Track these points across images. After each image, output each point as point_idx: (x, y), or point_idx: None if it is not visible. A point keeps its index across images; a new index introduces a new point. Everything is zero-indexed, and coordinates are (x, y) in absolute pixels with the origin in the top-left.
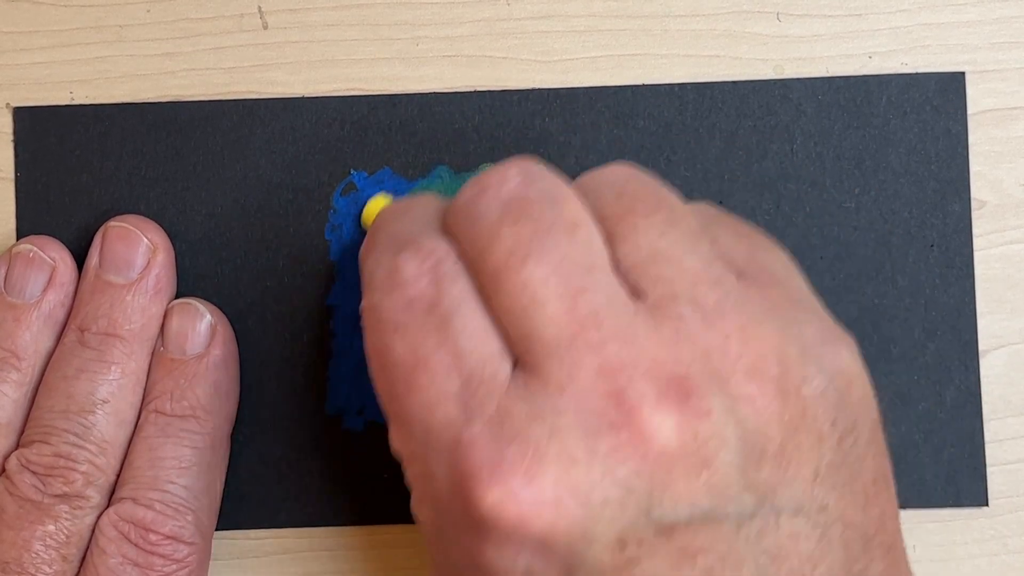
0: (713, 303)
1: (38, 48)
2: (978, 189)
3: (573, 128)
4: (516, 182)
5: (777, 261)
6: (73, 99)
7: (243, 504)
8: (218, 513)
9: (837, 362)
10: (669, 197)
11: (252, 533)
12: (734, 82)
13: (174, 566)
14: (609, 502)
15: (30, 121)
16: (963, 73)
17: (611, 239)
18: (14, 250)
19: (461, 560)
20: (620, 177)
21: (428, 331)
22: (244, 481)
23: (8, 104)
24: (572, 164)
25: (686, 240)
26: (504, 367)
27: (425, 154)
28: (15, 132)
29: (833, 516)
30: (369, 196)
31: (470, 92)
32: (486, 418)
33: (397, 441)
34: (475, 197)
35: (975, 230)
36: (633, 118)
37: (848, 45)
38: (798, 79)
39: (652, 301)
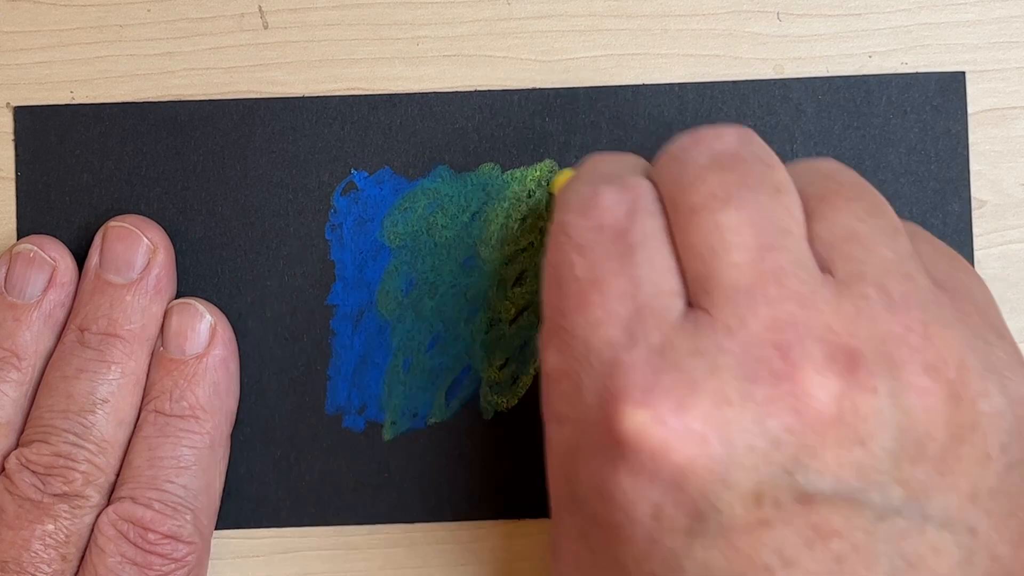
0: (901, 294)
1: (38, 48)
2: (978, 189)
3: (573, 128)
4: (732, 139)
5: (978, 286)
6: (73, 99)
7: (243, 504)
8: (218, 513)
9: (1023, 390)
10: (878, 194)
11: (252, 533)
12: (734, 82)
13: (172, 565)
14: (754, 450)
15: (30, 121)
16: (963, 73)
17: (811, 217)
18: (14, 250)
19: (588, 484)
20: (832, 166)
21: (612, 256)
22: (244, 481)
23: (8, 104)
24: (572, 164)
25: (885, 231)
26: (677, 304)
27: (425, 154)
28: (15, 132)
29: (981, 543)
30: (370, 196)
31: (470, 92)
32: (649, 346)
33: (552, 356)
34: (688, 146)
35: (975, 230)
36: (633, 118)
37: (848, 45)
38: (798, 79)
39: (840, 277)
